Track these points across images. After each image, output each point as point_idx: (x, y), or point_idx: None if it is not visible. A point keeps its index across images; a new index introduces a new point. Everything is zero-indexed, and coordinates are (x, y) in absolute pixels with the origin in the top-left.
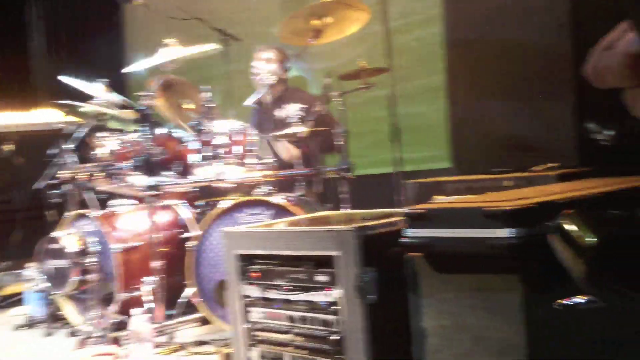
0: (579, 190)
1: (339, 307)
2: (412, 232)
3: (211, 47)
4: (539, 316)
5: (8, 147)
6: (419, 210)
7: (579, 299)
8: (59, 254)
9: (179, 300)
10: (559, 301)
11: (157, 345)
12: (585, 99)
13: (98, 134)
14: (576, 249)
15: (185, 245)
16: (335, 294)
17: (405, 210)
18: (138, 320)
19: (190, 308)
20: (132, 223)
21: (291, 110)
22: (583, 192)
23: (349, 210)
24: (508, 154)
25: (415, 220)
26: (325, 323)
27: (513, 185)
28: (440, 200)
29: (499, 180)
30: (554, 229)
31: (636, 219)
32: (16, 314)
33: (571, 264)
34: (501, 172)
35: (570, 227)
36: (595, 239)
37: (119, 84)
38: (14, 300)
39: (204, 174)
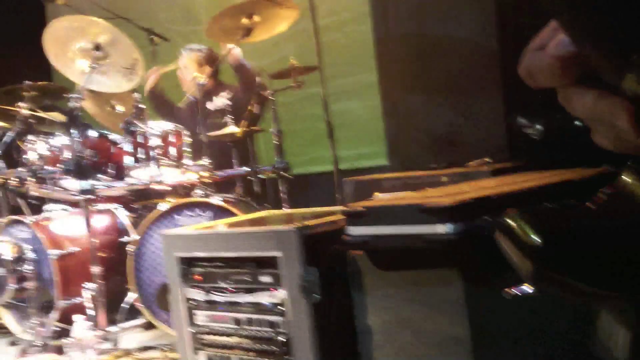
0: (513, 184)
1: (284, 308)
2: (352, 230)
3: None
4: (480, 309)
5: None
6: (359, 208)
7: (527, 288)
8: None
9: (121, 306)
10: (508, 290)
11: (101, 352)
12: (515, 94)
13: (26, 138)
14: (522, 248)
15: (125, 249)
16: (279, 294)
17: (344, 208)
18: (80, 327)
19: (133, 313)
20: (69, 228)
21: (220, 101)
22: (517, 186)
23: (288, 210)
24: (442, 150)
25: (355, 218)
26: (271, 324)
27: (449, 181)
28: (379, 198)
29: (436, 176)
30: (500, 228)
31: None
32: None
33: (518, 264)
34: (437, 168)
35: (514, 226)
36: (541, 238)
37: (44, 85)
38: None
39: (139, 176)
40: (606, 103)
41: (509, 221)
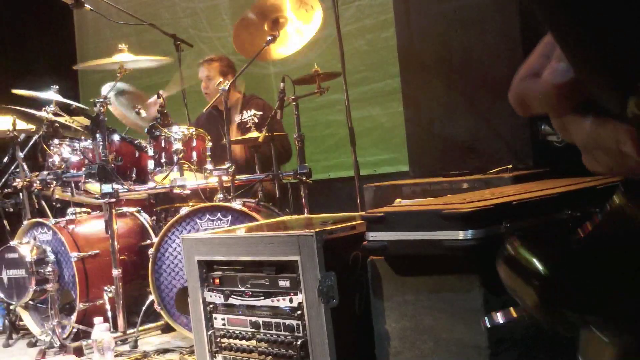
0: (534, 191)
1: (302, 312)
2: (372, 236)
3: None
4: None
5: None
6: (378, 214)
7: (500, 317)
8: (17, 263)
9: (141, 308)
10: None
11: (120, 354)
12: None
13: (51, 141)
14: (524, 277)
15: (146, 253)
16: (297, 298)
17: (364, 214)
18: (99, 329)
19: (152, 316)
20: (91, 231)
21: (248, 116)
22: (538, 193)
23: (308, 215)
24: (464, 157)
25: (375, 223)
26: (289, 328)
27: (470, 188)
28: (400, 204)
29: (456, 182)
30: (501, 257)
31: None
32: None
33: (520, 294)
34: (458, 175)
35: (518, 254)
36: (546, 266)
37: (70, 90)
38: None
39: (162, 180)
40: (608, 129)
41: (512, 250)
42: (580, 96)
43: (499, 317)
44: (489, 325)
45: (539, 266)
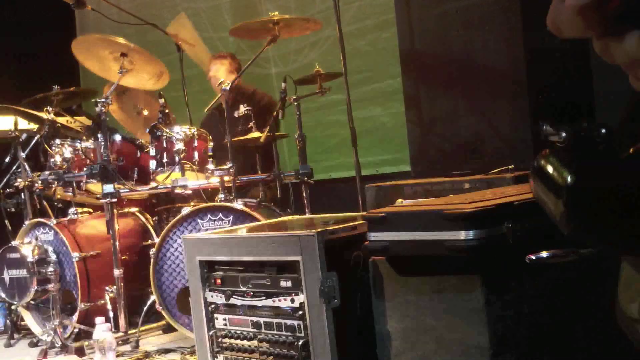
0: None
1: (304, 312)
2: (373, 236)
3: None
4: (501, 316)
5: None
6: (380, 214)
7: (546, 253)
8: (18, 263)
9: (142, 308)
10: (530, 256)
11: (121, 354)
12: (540, 101)
13: (53, 142)
14: (555, 189)
15: (147, 253)
16: (299, 298)
17: (365, 214)
18: (101, 329)
19: (153, 316)
20: (92, 231)
21: (240, 110)
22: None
23: (309, 215)
24: (465, 157)
25: (376, 223)
26: (290, 328)
27: (471, 188)
28: (401, 204)
29: (458, 182)
30: (532, 169)
31: None
32: None
33: (551, 206)
34: (460, 175)
35: (547, 165)
36: (575, 178)
37: (71, 90)
38: None
39: (163, 180)
40: None
41: (542, 161)
42: (603, 14)
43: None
44: (534, 258)
45: (568, 175)
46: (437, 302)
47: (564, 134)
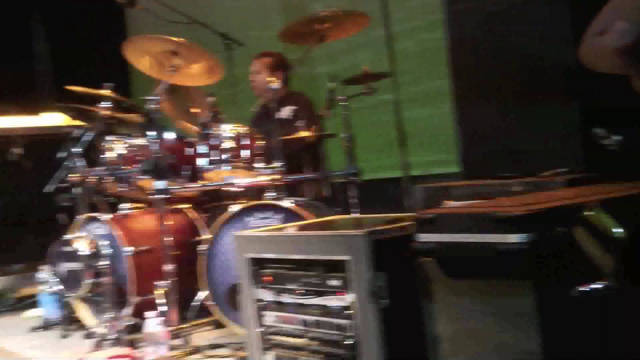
0: (588, 195)
1: (352, 312)
2: (423, 237)
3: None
4: (553, 322)
5: (17, 151)
6: (430, 215)
7: (597, 285)
8: (72, 256)
9: (192, 304)
10: (579, 288)
11: (172, 348)
12: (592, 104)
13: (106, 138)
14: (603, 242)
15: (197, 249)
16: (347, 298)
17: (416, 215)
18: (152, 323)
19: (203, 311)
20: (143, 226)
21: (286, 112)
22: (592, 197)
23: (357, 215)
24: (515, 159)
25: (426, 224)
26: (338, 327)
27: (522, 191)
28: (451, 205)
29: (507, 185)
30: (580, 223)
31: None
32: (31, 315)
33: (598, 258)
34: (509, 177)
35: (597, 220)
36: (623, 232)
37: (123, 87)
38: (28, 302)
39: (212, 178)
40: None
41: (590, 214)
42: None
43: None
44: (578, 292)
45: (618, 229)
46: (487, 306)
47: (616, 137)
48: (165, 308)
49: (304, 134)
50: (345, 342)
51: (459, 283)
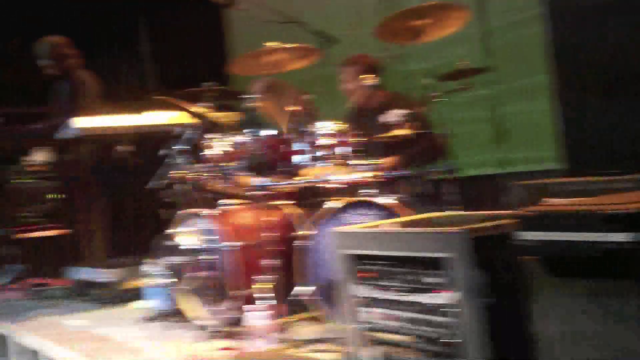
0: None
1: (455, 310)
2: (526, 235)
3: None
4: None
5: (125, 148)
6: (534, 213)
7: None
8: (175, 250)
9: (289, 299)
10: None
11: (271, 342)
12: None
13: (207, 135)
14: None
15: (294, 245)
16: (448, 296)
17: (518, 212)
18: (252, 317)
19: (301, 306)
20: (242, 222)
21: (393, 115)
22: None
23: (454, 212)
24: (619, 155)
25: (530, 222)
26: (439, 325)
27: (627, 188)
28: (554, 203)
29: (611, 182)
30: None
31: None
32: (139, 307)
33: None
34: (613, 174)
35: None
36: None
37: (222, 86)
38: (132, 294)
39: (308, 174)
40: None
41: None
42: None
43: None
44: None
45: None
46: (594, 306)
47: None
48: (268, 302)
49: (401, 131)
50: (446, 340)
51: (563, 282)
